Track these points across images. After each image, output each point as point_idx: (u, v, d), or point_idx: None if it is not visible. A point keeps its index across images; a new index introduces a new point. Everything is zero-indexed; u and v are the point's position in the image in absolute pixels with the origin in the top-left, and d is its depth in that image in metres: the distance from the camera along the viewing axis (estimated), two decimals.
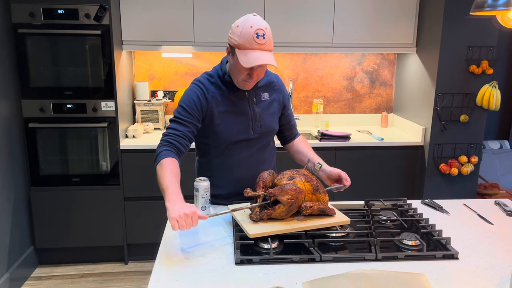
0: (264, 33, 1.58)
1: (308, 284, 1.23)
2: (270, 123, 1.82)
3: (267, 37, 1.59)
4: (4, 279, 2.69)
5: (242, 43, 1.58)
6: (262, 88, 1.80)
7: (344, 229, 1.57)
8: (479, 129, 3.11)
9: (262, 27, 1.58)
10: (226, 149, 1.78)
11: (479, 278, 1.30)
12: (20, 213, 2.92)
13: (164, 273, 1.31)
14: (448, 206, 1.87)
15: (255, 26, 1.57)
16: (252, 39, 1.57)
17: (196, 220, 1.40)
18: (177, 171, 1.57)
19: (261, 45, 1.58)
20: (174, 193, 1.47)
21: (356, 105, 3.74)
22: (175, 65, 3.51)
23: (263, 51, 1.59)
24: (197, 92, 1.71)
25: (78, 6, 2.79)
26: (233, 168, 1.80)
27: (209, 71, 1.79)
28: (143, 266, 3.17)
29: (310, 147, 1.97)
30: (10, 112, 2.80)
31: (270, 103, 1.82)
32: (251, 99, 1.77)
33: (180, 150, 1.65)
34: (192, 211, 1.39)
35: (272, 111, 1.83)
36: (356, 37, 3.25)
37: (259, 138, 1.81)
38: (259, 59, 1.57)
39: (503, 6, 1.56)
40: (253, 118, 1.77)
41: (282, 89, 1.88)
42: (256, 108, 1.78)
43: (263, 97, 1.80)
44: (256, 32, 1.57)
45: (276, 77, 1.89)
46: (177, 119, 1.69)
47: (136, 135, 3.15)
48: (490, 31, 2.95)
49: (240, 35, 1.58)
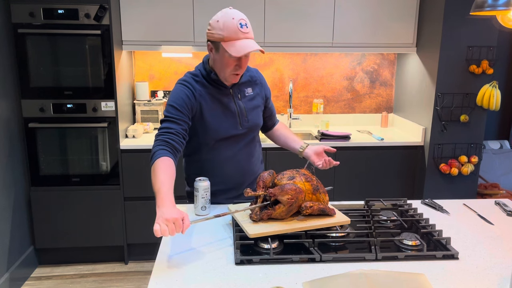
0: (246, 23, 1.63)
1: (308, 284, 1.23)
2: (256, 118, 1.86)
3: (249, 26, 1.65)
4: (4, 279, 2.69)
5: (228, 35, 1.60)
6: (245, 84, 1.83)
7: (344, 229, 1.57)
8: (479, 129, 3.11)
9: (243, 17, 1.63)
10: (215, 146, 1.78)
11: (479, 278, 1.30)
12: (20, 213, 2.92)
13: (164, 273, 1.31)
14: (448, 206, 1.87)
15: (236, 17, 1.61)
16: (237, 29, 1.60)
17: (180, 226, 1.32)
18: (171, 171, 1.53)
19: (246, 34, 1.62)
20: (164, 196, 1.41)
21: (356, 105, 3.74)
22: (175, 65, 3.51)
23: (248, 39, 1.63)
24: (185, 91, 1.71)
25: (78, 6, 2.79)
26: (222, 164, 1.81)
27: (192, 71, 1.80)
28: (143, 266, 3.17)
29: (290, 131, 2.05)
30: (10, 112, 2.80)
31: (254, 98, 1.85)
32: (235, 95, 1.79)
33: (176, 148, 1.62)
34: (178, 217, 1.32)
35: (256, 105, 1.86)
36: (356, 37, 3.25)
37: (247, 133, 1.83)
38: (249, 46, 1.61)
39: (503, 6, 1.56)
40: (239, 114, 1.79)
41: (262, 82, 1.91)
42: (242, 104, 1.80)
43: (247, 92, 1.83)
44: (240, 22, 1.61)
45: (256, 71, 1.91)
46: (168, 118, 1.67)
47: (136, 135, 3.15)
48: (490, 31, 2.95)
49: (224, 28, 1.60)
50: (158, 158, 1.55)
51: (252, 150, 1.89)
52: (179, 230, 1.33)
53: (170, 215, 1.32)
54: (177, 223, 1.32)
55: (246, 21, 1.63)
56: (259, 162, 1.97)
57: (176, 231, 1.32)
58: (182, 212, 1.36)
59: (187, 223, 1.35)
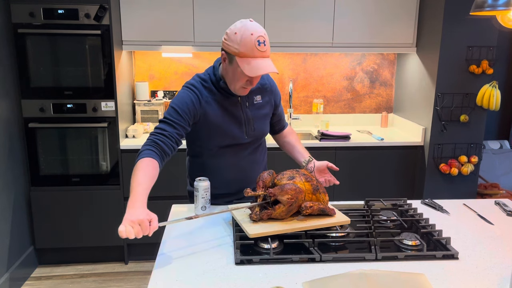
0: (264, 40, 1.56)
1: (308, 284, 1.23)
2: (263, 127, 1.82)
3: (267, 43, 1.58)
4: (4, 279, 2.69)
5: (244, 51, 1.54)
6: (255, 91, 1.78)
7: (344, 229, 1.57)
8: (479, 129, 3.11)
9: (262, 33, 1.56)
10: (218, 152, 1.76)
11: (479, 278, 1.30)
12: (20, 213, 2.92)
13: (164, 273, 1.31)
14: (448, 206, 1.87)
15: (255, 34, 1.54)
16: (254, 47, 1.54)
17: (147, 228, 1.31)
18: (152, 173, 1.49)
19: (263, 52, 1.55)
20: (137, 197, 1.39)
21: (356, 105, 3.74)
22: (175, 65, 3.51)
23: (265, 58, 1.57)
24: (191, 96, 1.67)
25: (78, 6, 2.79)
26: (224, 170, 1.79)
27: (202, 75, 1.75)
28: (143, 266, 3.17)
29: (298, 140, 2.00)
30: (10, 112, 2.80)
31: (263, 106, 1.81)
32: (244, 103, 1.75)
33: (164, 151, 1.59)
34: (144, 219, 1.31)
35: (265, 113, 1.82)
36: (356, 37, 3.25)
37: (253, 142, 1.80)
38: (265, 67, 1.55)
39: (503, 6, 1.56)
40: (246, 123, 1.76)
41: (273, 89, 1.86)
42: (249, 112, 1.76)
43: (256, 100, 1.78)
44: (258, 40, 1.54)
45: (267, 77, 1.85)
46: (167, 120, 1.64)
47: (136, 135, 3.15)
48: (490, 31, 2.95)
49: (241, 43, 1.54)
50: (142, 157, 1.53)
51: (257, 158, 1.86)
52: (145, 232, 1.32)
53: (136, 216, 1.31)
54: (143, 225, 1.31)
55: (265, 38, 1.56)
56: (263, 167, 1.93)
57: (143, 233, 1.31)
58: (150, 213, 1.35)
59: (154, 225, 1.34)
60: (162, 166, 1.58)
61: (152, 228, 1.33)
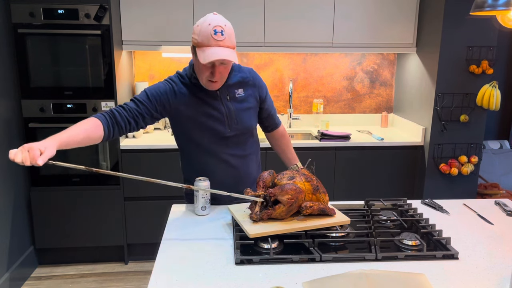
0: (222, 30, 1.58)
1: (308, 284, 1.23)
2: (247, 120, 1.81)
3: (226, 33, 1.59)
4: (4, 279, 2.69)
5: (201, 40, 1.58)
6: (235, 85, 1.78)
7: (344, 229, 1.57)
8: (479, 129, 3.11)
9: (221, 24, 1.58)
10: (206, 150, 1.77)
11: (479, 278, 1.30)
12: (20, 213, 2.92)
13: (164, 273, 1.31)
14: (448, 206, 1.87)
15: (213, 24, 1.58)
16: (209, 35, 1.57)
17: (34, 157, 1.32)
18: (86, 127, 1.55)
19: (218, 41, 1.57)
20: (53, 136, 1.44)
21: (356, 105, 3.74)
22: (175, 65, 3.51)
23: (220, 47, 1.58)
24: (166, 87, 1.73)
25: (78, 6, 2.79)
26: (216, 167, 1.79)
27: (181, 72, 1.79)
28: (143, 266, 3.17)
29: (289, 145, 2.02)
30: (10, 112, 2.80)
31: (245, 99, 1.80)
32: (224, 97, 1.75)
33: (116, 120, 1.64)
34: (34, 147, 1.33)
35: (248, 107, 1.81)
36: (356, 37, 3.25)
37: (238, 135, 1.79)
38: (216, 54, 1.56)
39: (503, 6, 1.56)
40: (228, 116, 1.75)
41: (257, 83, 1.84)
42: (231, 106, 1.76)
43: (238, 93, 1.78)
44: (214, 29, 1.57)
45: (249, 71, 1.84)
46: (133, 98, 1.71)
47: (136, 135, 3.15)
48: (490, 31, 2.95)
49: (199, 33, 1.59)
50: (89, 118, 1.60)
51: (247, 152, 1.85)
52: (32, 160, 1.32)
53: (30, 144, 1.35)
54: (31, 152, 1.33)
55: (223, 28, 1.58)
56: (256, 164, 1.93)
57: (30, 161, 1.33)
58: (46, 145, 1.37)
59: (46, 154, 1.35)
60: (112, 133, 1.64)
61: (41, 156, 1.34)
